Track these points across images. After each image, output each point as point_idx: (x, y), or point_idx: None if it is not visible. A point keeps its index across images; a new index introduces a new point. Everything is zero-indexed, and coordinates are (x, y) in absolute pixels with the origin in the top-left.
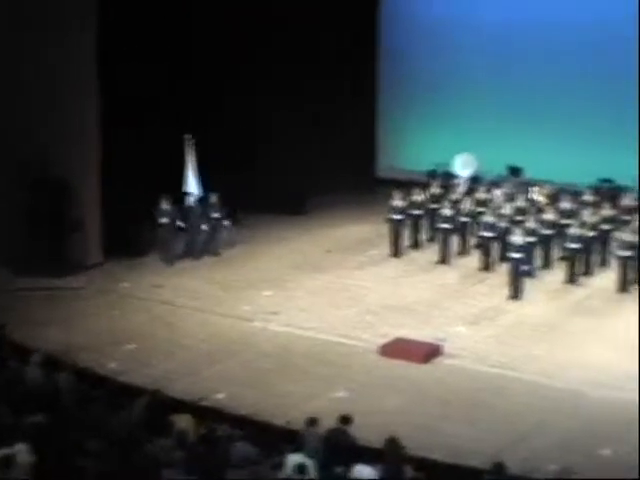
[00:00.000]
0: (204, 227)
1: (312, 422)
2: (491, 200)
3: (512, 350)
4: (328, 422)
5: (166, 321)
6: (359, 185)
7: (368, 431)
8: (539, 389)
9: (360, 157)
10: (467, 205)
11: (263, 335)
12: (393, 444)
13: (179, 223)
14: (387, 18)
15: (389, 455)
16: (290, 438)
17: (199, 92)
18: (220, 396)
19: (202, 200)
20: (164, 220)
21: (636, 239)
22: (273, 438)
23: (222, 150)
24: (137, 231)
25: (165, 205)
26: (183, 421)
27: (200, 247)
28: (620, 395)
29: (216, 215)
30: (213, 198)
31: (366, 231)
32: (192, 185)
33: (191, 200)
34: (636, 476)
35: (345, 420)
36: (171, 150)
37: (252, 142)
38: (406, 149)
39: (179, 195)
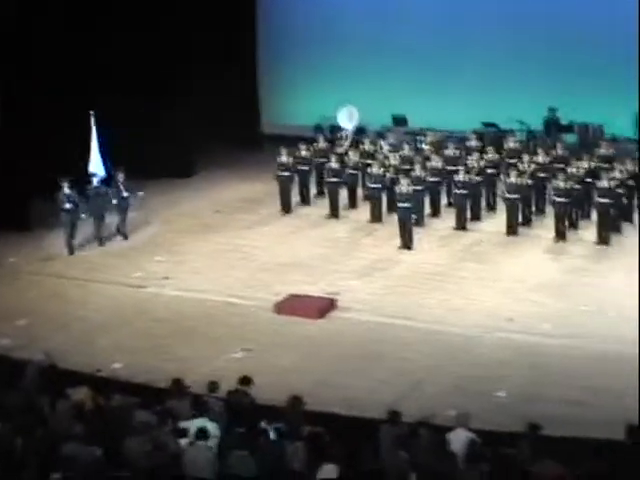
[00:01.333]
0: (111, 211)
1: (213, 386)
2: (377, 151)
3: (404, 299)
4: (228, 383)
5: (58, 294)
6: (245, 143)
7: (267, 390)
8: (432, 336)
9: (244, 114)
10: (353, 158)
11: (157, 301)
12: (295, 402)
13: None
14: None
15: (290, 413)
16: (193, 403)
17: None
18: (117, 366)
19: (108, 179)
20: (67, 206)
21: (523, 182)
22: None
23: (108, 116)
24: (24, 206)
25: (67, 189)
26: (80, 393)
27: (109, 231)
28: (510, 337)
29: (125, 195)
30: (120, 176)
31: (255, 189)
32: (96, 164)
33: (95, 181)
34: (529, 415)
35: (245, 381)
36: (61, 124)
37: (135, 105)
38: (290, 104)
39: (80, 175)
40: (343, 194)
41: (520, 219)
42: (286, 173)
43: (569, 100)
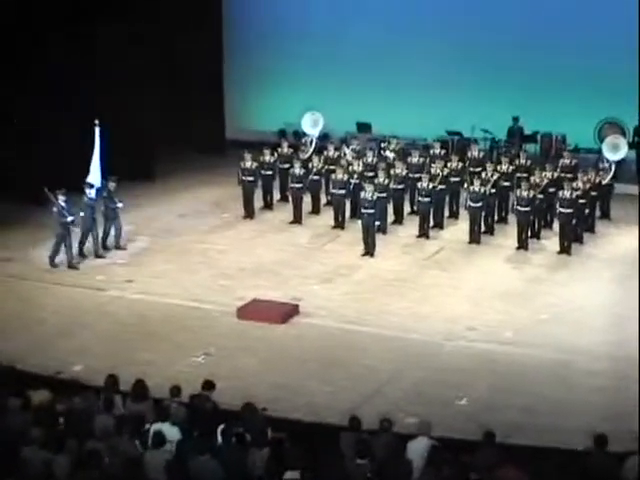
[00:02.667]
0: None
1: (175, 391)
2: (341, 157)
3: (366, 306)
4: (190, 387)
5: (17, 295)
6: (208, 148)
7: (229, 394)
8: (394, 343)
9: (208, 120)
10: (317, 164)
11: (118, 304)
12: (249, 408)
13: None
14: None
15: (251, 419)
16: (155, 407)
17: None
18: (77, 368)
19: (99, 190)
20: (69, 219)
21: (486, 190)
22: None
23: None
24: None
25: (62, 202)
26: (40, 396)
27: (107, 243)
28: (471, 345)
29: (119, 205)
30: (112, 185)
31: (218, 194)
32: (95, 175)
33: (91, 192)
34: (488, 423)
35: (207, 385)
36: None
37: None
38: (254, 110)
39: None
40: (306, 200)
41: (483, 228)
42: (250, 178)
43: (533, 110)
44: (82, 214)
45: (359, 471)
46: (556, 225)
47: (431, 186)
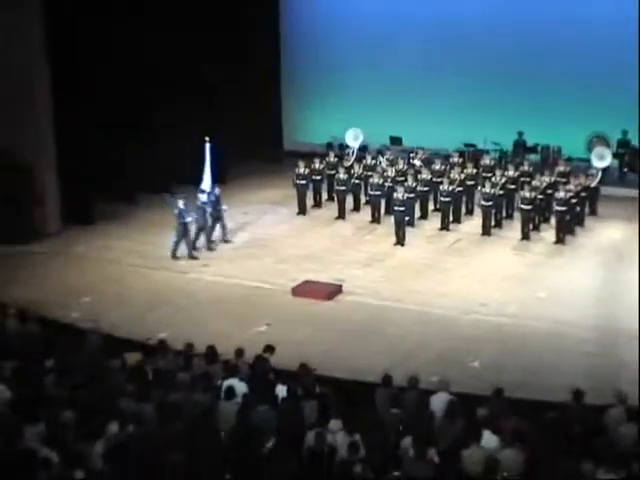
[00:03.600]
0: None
1: (239, 352)
2: (377, 165)
3: (398, 286)
4: (253, 351)
5: (114, 277)
6: (270, 157)
7: (285, 357)
8: (420, 316)
9: (269, 133)
10: (358, 170)
11: (196, 284)
12: (304, 367)
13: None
14: (288, 5)
15: (302, 376)
16: (224, 367)
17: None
18: (162, 335)
19: (209, 194)
20: (188, 219)
21: (496, 192)
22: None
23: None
24: (89, 203)
25: (182, 205)
26: (133, 358)
27: (215, 239)
28: (483, 318)
29: (224, 207)
30: (218, 191)
31: (277, 195)
32: (206, 183)
33: (203, 197)
34: (496, 381)
35: (268, 349)
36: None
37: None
38: (307, 125)
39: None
40: (349, 200)
41: (493, 222)
42: (303, 182)
43: (535, 126)
44: (194, 215)
45: (392, 419)
46: (553, 220)
47: (451, 188)
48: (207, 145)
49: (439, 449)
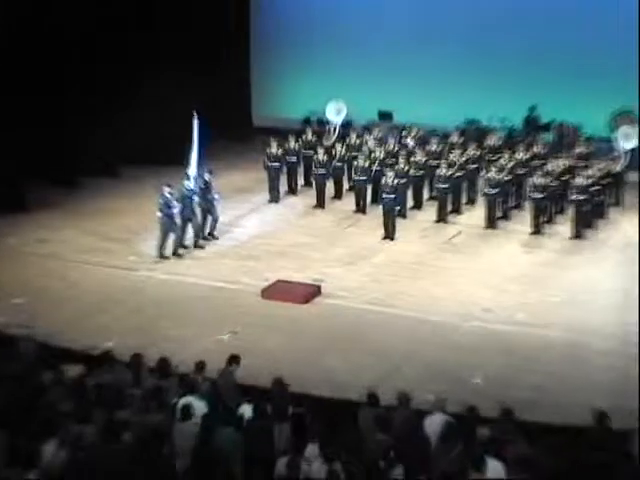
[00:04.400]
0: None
1: (199, 365)
2: (363, 144)
3: (386, 287)
4: (216, 362)
5: (53, 274)
6: (236, 135)
7: (253, 370)
8: (412, 323)
9: (235, 107)
10: (340, 150)
11: (149, 284)
12: (278, 383)
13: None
14: None
15: (276, 395)
16: (181, 382)
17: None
18: (109, 344)
19: (197, 179)
20: (174, 211)
21: (503, 177)
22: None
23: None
24: (21, 187)
25: (167, 194)
26: (74, 371)
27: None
28: (486, 326)
29: (216, 197)
30: (207, 177)
31: (246, 179)
32: (194, 166)
33: (189, 184)
34: (501, 399)
35: (233, 360)
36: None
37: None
38: (280, 98)
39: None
40: (329, 185)
41: (499, 213)
42: (275, 164)
43: (549, 99)
44: (179, 205)
45: (378, 444)
46: (569, 212)
47: (449, 173)
48: (195, 121)
49: None
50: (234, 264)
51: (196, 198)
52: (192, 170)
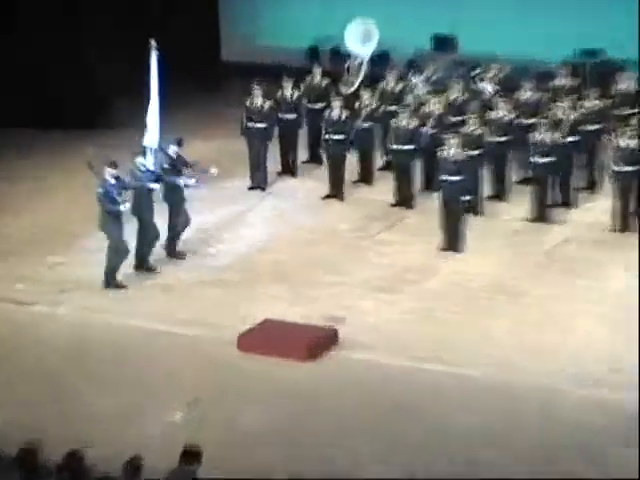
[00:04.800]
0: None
1: (133, 464)
2: (408, 92)
3: (444, 331)
4: (163, 458)
5: None
6: (199, 77)
7: (218, 469)
8: (488, 390)
9: (195, 33)
10: (369, 101)
11: (50, 325)
12: None
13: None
14: None
15: None
16: None
17: None
18: None
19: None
20: (122, 207)
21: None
22: None
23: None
24: None
25: (112, 179)
26: None
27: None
28: (611, 396)
29: (190, 182)
30: (173, 150)
31: (211, 151)
32: (152, 133)
33: (147, 162)
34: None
35: (189, 458)
36: None
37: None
38: (265, 19)
39: None
40: (351, 161)
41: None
42: (260, 125)
43: None
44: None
45: None
46: None
47: (554, 138)
48: (153, 53)
49: None
50: (196, 294)
51: (155, 185)
52: (149, 139)
